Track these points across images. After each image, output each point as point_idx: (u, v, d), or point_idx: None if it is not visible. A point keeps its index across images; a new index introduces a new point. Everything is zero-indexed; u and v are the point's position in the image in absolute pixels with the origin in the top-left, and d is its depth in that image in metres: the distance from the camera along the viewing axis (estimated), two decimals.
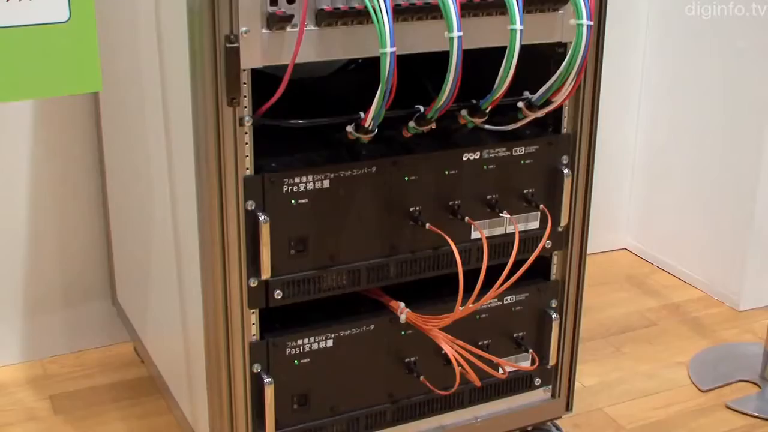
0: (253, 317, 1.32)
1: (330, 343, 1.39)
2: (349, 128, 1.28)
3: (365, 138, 1.27)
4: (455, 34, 1.17)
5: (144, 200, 1.60)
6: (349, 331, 1.40)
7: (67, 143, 1.89)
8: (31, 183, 1.89)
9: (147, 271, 1.66)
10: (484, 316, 1.50)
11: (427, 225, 1.37)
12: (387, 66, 1.15)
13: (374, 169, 1.33)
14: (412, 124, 1.31)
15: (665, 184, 2.43)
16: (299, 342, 1.37)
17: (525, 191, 1.45)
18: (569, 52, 1.27)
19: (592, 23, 1.26)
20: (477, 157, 1.40)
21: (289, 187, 1.28)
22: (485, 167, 1.41)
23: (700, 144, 2.29)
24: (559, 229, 1.49)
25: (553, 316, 1.54)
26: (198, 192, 1.26)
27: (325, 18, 1.21)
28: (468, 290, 1.33)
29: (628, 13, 2.35)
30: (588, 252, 1.55)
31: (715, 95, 2.23)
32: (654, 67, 2.40)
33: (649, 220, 2.50)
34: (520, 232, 1.44)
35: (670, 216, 2.43)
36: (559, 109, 1.42)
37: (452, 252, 1.36)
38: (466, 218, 1.40)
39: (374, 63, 1.18)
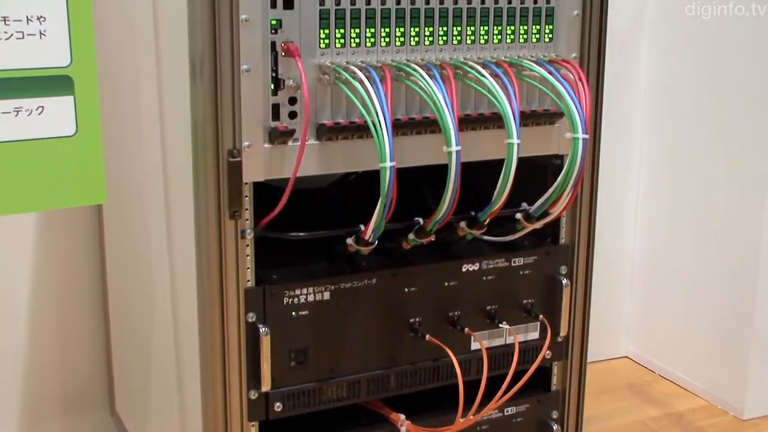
0: (253, 430, 1.31)
1: None
2: (350, 240, 1.29)
3: (365, 250, 1.29)
4: (453, 148, 1.20)
5: (145, 310, 1.61)
6: None
7: (69, 251, 1.91)
8: (32, 291, 1.89)
9: (147, 382, 1.65)
10: (485, 428, 1.49)
11: (427, 336, 1.37)
12: (387, 180, 1.17)
13: (374, 280, 1.34)
14: (411, 236, 1.32)
15: (665, 289, 2.43)
16: None
17: (524, 301, 1.46)
18: (566, 165, 1.29)
19: (587, 136, 1.29)
20: (476, 268, 1.41)
21: (290, 299, 1.29)
22: (484, 278, 1.42)
23: (698, 248, 2.30)
24: (559, 340, 1.49)
25: (554, 427, 1.53)
26: (199, 303, 1.26)
27: (325, 133, 1.24)
28: (469, 401, 1.33)
29: (623, 121, 2.39)
30: (588, 361, 1.55)
31: (712, 199, 2.24)
32: (651, 171, 2.43)
33: (650, 327, 2.50)
34: (519, 342, 1.44)
35: (670, 322, 2.42)
36: (557, 220, 1.44)
37: (452, 363, 1.36)
38: (466, 329, 1.40)
39: (374, 173, 1.20)
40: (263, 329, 1.26)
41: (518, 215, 1.37)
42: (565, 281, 1.47)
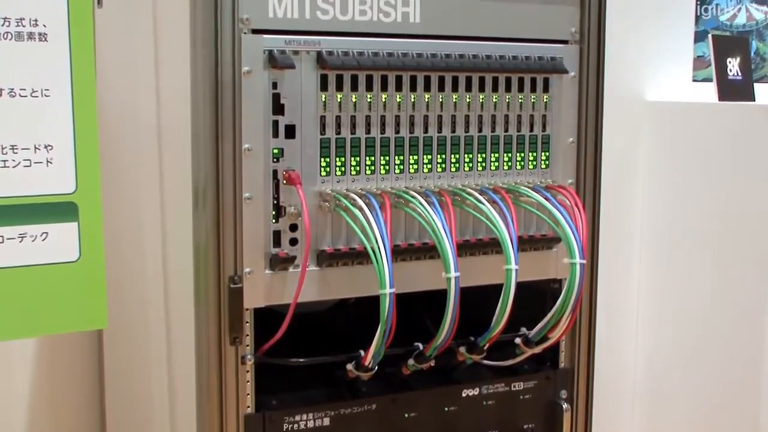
0: None
1: None
2: (350, 366, 1.29)
3: (365, 376, 1.29)
4: (452, 274, 1.21)
5: None
6: None
7: (68, 375, 1.90)
8: (29, 415, 1.88)
9: None
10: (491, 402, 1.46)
11: None
12: (386, 306, 1.18)
13: (374, 406, 1.33)
14: (411, 361, 1.32)
15: (667, 410, 2.41)
16: None
17: (525, 426, 1.45)
18: (564, 290, 1.30)
19: (585, 261, 1.30)
20: (476, 393, 1.41)
21: (290, 425, 1.28)
22: (484, 403, 1.42)
23: (700, 368, 2.28)
24: None
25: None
26: (199, 429, 1.26)
27: (326, 259, 1.25)
28: None
29: (620, 243, 2.40)
30: None
31: (713, 318, 2.24)
32: (650, 291, 2.43)
33: None
34: None
35: None
36: (556, 344, 1.44)
37: None
38: None
39: (374, 298, 1.21)
40: None
41: (517, 340, 1.37)
42: (565, 405, 1.46)
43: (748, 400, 2.16)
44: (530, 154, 1.40)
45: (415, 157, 1.32)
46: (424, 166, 1.32)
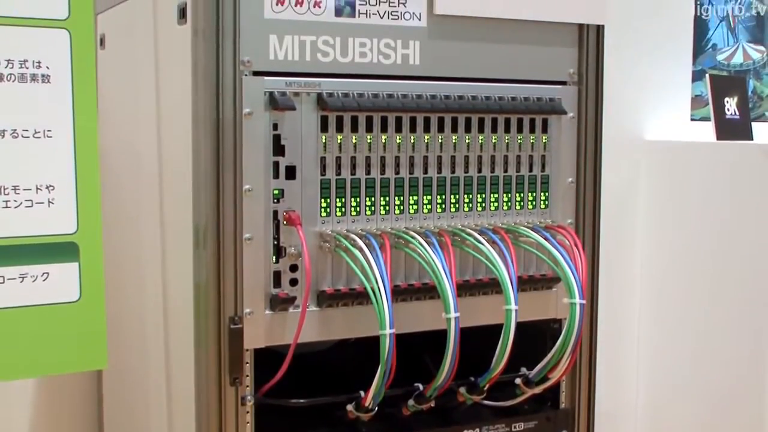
0: None
1: None
2: (350, 407, 1.29)
3: (365, 417, 1.28)
4: (452, 315, 1.21)
5: None
6: None
7: (67, 415, 1.89)
8: None
9: None
10: None
11: None
12: (386, 347, 1.18)
13: None
14: (411, 402, 1.32)
15: None
16: None
17: None
18: (563, 330, 1.30)
19: (584, 302, 1.30)
20: None
21: None
22: None
23: (701, 405, 2.27)
24: None
25: None
26: None
27: (326, 300, 1.26)
28: None
29: (620, 282, 2.41)
30: None
31: (714, 357, 2.24)
32: (650, 329, 2.43)
33: None
34: None
35: None
36: (556, 384, 1.44)
37: None
38: None
39: (374, 337, 1.21)
40: None
41: (518, 380, 1.37)
42: None
43: None
44: (529, 194, 1.40)
45: (415, 198, 1.32)
46: (424, 206, 1.33)
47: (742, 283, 2.15)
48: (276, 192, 1.24)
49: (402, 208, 1.31)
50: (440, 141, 1.33)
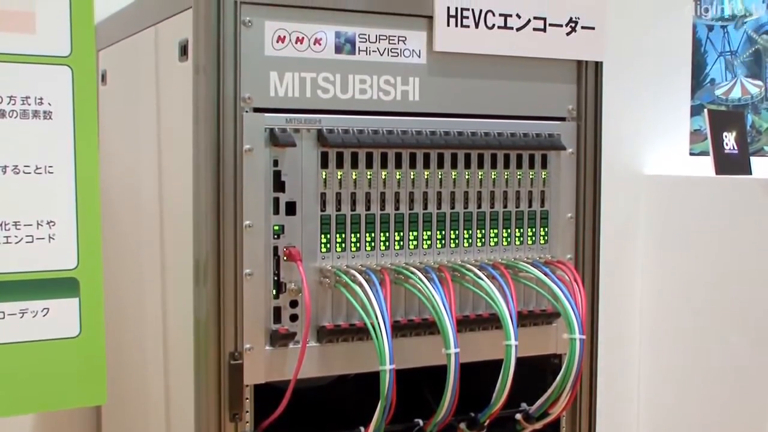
0: None
1: None
2: None
3: None
4: (452, 351, 1.21)
5: None
6: None
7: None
8: None
9: None
10: None
11: None
12: (386, 383, 1.18)
13: None
14: None
15: None
16: None
17: None
18: (564, 365, 1.30)
19: (584, 337, 1.30)
20: None
21: None
22: None
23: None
24: None
25: None
26: None
27: (326, 335, 1.26)
28: None
29: (620, 318, 2.40)
30: None
31: (714, 391, 2.23)
32: (651, 364, 2.42)
33: None
34: None
35: None
36: (557, 420, 1.43)
37: None
38: None
39: (374, 372, 1.21)
40: None
41: (518, 416, 1.37)
42: None
43: None
44: (529, 229, 1.41)
45: (415, 233, 1.33)
46: (424, 242, 1.33)
47: (742, 318, 2.14)
48: (276, 228, 1.24)
49: (402, 243, 1.32)
50: (440, 177, 1.34)
